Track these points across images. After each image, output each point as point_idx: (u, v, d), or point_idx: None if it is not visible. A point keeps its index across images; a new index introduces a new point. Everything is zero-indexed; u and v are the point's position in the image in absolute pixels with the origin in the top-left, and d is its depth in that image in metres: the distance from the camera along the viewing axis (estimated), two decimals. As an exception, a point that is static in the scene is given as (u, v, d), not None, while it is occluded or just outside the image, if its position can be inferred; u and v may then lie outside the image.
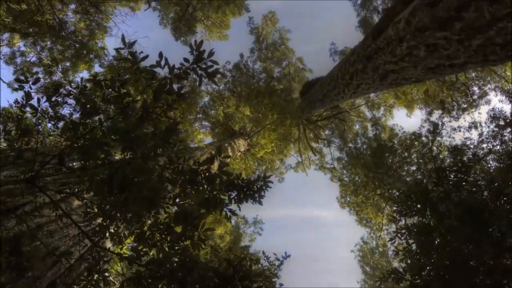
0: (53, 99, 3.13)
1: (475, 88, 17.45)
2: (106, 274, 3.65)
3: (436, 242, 6.04)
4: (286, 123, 19.56)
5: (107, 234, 3.56)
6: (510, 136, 14.20)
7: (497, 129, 13.89)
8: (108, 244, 4.72)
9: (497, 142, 14.66)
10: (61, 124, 3.28)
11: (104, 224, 3.52)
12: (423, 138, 17.47)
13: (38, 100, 3.15)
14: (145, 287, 2.93)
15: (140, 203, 3.40)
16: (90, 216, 3.65)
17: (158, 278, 2.90)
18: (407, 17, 6.29)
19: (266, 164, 20.73)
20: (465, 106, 17.15)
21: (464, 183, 6.08)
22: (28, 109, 3.41)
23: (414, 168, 18.04)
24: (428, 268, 5.85)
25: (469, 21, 4.95)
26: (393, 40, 7.20)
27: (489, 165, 12.32)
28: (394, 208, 6.63)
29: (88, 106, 3.10)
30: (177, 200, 3.35)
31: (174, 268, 2.91)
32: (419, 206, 5.97)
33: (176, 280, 3.00)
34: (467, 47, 5.46)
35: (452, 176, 6.09)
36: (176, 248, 3.36)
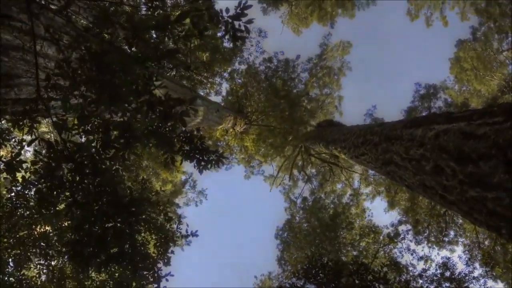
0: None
1: (452, 232, 17.66)
2: (35, 125, 3.66)
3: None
4: (288, 137, 19.60)
5: (60, 97, 3.55)
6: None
7: (439, 277, 14.10)
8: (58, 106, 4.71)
9: (432, 287, 14.91)
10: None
11: (66, 86, 3.50)
12: (380, 237, 17.70)
13: None
14: (52, 160, 2.93)
15: (109, 91, 3.39)
16: (61, 71, 3.63)
17: (65, 158, 2.90)
18: (439, 131, 6.31)
19: (246, 155, 20.76)
20: (433, 239, 17.36)
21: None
22: None
23: (355, 253, 18.31)
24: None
25: (481, 171, 4.97)
26: (416, 140, 7.22)
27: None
28: (304, 267, 6.73)
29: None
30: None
31: (86, 162, 2.91)
32: (325, 280, 6.06)
33: (82, 175, 3.00)
34: (463, 191, 5.48)
35: (370, 277, 6.20)
36: (105, 152, 3.36)
